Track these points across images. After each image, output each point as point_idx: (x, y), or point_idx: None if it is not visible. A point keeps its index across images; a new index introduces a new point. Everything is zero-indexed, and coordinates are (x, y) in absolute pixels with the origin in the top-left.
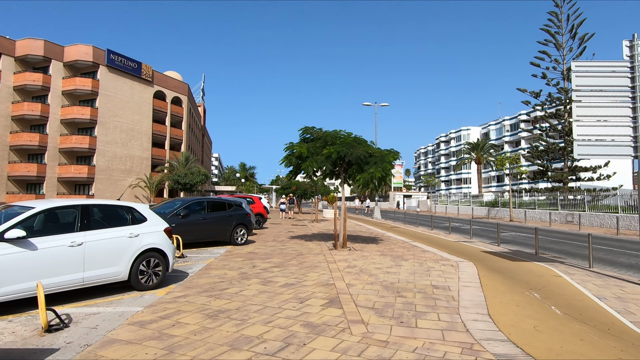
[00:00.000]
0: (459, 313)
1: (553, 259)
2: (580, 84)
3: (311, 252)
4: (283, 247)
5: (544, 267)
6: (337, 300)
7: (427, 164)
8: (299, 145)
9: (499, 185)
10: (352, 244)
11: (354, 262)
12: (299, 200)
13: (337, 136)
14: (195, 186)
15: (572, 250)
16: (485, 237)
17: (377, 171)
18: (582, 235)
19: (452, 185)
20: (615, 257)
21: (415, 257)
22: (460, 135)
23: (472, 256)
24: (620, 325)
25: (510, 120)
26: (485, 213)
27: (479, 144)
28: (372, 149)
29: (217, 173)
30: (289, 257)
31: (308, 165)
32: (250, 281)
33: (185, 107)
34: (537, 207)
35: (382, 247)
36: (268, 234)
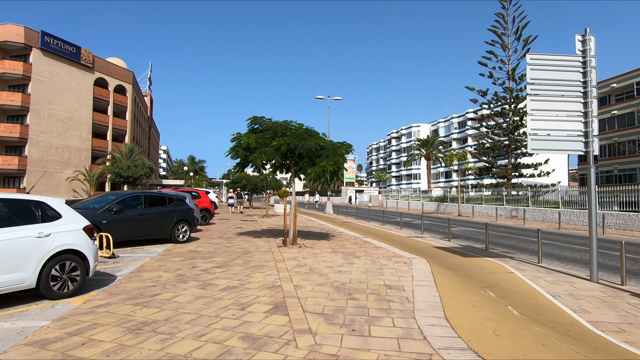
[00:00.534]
0: (414, 317)
1: (503, 254)
2: (535, 77)
3: (259, 249)
4: (229, 244)
5: (496, 263)
6: (283, 305)
7: (378, 160)
8: (247, 136)
9: (447, 180)
10: (302, 241)
11: (303, 260)
12: (249, 195)
13: (288, 127)
14: (139, 180)
15: (519, 245)
16: (436, 232)
17: (329, 165)
18: (527, 229)
19: (402, 181)
20: (560, 251)
21: (368, 254)
22: (410, 131)
23: (425, 252)
24: (579, 326)
25: (458, 118)
26: (435, 208)
27: (429, 141)
28: (324, 142)
29: (165, 166)
30: (234, 256)
31: (256, 157)
32: (187, 284)
33: (130, 96)
34: (483, 202)
35: (334, 244)
36: (214, 230)
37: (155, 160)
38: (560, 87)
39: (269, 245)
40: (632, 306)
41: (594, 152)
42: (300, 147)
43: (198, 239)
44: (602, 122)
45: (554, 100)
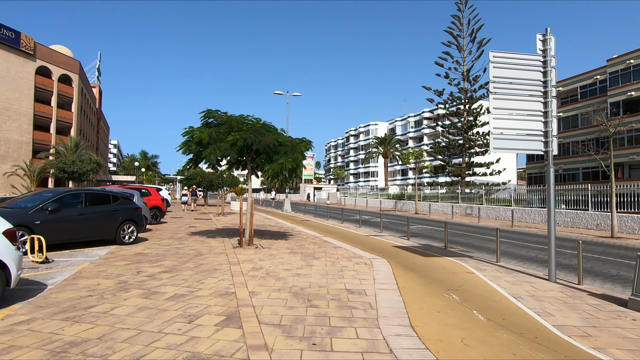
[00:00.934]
0: (379, 326)
1: (462, 253)
2: (497, 75)
3: (212, 251)
4: (180, 245)
5: (456, 262)
6: (236, 316)
7: (337, 157)
8: (200, 130)
9: (404, 178)
10: (259, 241)
11: (260, 262)
12: (205, 193)
13: (244, 122)
14: (85, 175)
15: (477, 244)
16: (395, 230)
17: (287, 162)
18: (482, 227)
19: (360, 178)
20: (516, 249)
21: (327, 255)
22: (368, 129)
23: (385, 252)
24: (545, 331)
25: (415, 117)
26: (392, 205)
27: (386, 139)
28: (283, 138)
29: (115, 162)
30: (185, 259)
31: (210, 153)
32: (129, 293)
33: (76, 86)
34: (439, 200)
35: (292, 244)
36: (166, 229)
37: (104, 155)
38: (521, 86)
39: (224, 246)
40: (592, 307)
41: (553, 151)
42: (258, 143)
43: (146, 239)
44: None
45: (516, 99)
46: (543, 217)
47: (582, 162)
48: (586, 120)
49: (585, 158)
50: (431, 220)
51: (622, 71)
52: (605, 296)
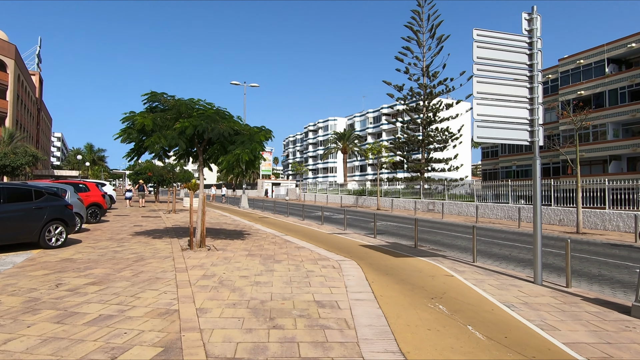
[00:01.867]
0: (362, 354)
1: (434, 253)
2: (481, 56)
3: (157, 255)
4: (119, 248)
5: (430, 263)
6: (177, 346)
7: (295, 153)
8: (143, 115)
9: (363, 174)
10: (213, 241)
11: (212, 268)
12: (155, 188)
13: (195, 107)
14: (20, 169)
15: (446, 241)
16: (359, 227)
17: (244, 153)
18: (447, 224)
19: (319, 174)
20: (487, 247)
21: (290, 257)
22: (327, 125)
23: (353, 252)
24: (561, 352)
25: (374, 113)
26: (353, 201)
27: (345, 134)
28: (239, 126)
29: (60, 156)
30: (122, 265)
31: (154, 142)
32: (36, 316)
33: (12, 72)
34: (401, 195)
35: (250, 244)
36: (106, 229)
37: (46, 149)
38: (506, 69)
39: (171, 248)
40: (594, 316)
41: (539, 142)
42: (210, 131)
43: (80, 242)
44: None
45: (500, 83)
46: (506, 212)
47: None
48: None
49: None
50: (394, 216)
51: (572, 71)
52: (601, 301)
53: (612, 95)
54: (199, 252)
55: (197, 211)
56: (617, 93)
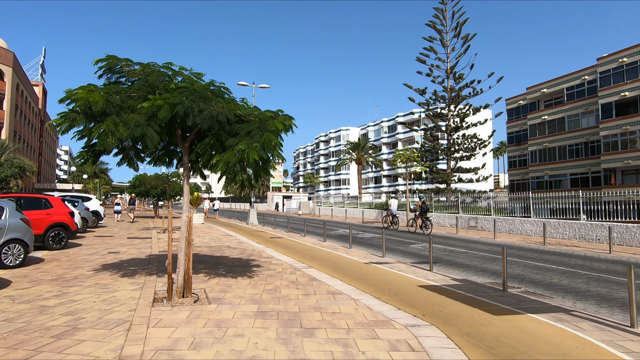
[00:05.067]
0: None
1: (542, 302)
2: None
3: (105, 316)
4: (54, 301)
5: (566, 332)
6: None
7: (306, 164)
8: (88, 89)
9: (377, 186)
10: (206, 281)
11: (192, 352)
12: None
13: (173, 77)
14: (6, 181)
15: (532, 276)
16: (397, 252)
17: (251, 149)
18: (505, 246)
19: (331, 186)
20: (606, 288)
21: (326, 319)
22: (340, 135)
23: (418, 303)
24: None
25: (388, 122)
26: (375, 216)
27: (360, 144)
28: (244, 110)
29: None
30: (32, 345)
31: (107, 133)
32: None
33: (10, 81)
34: (433, 209)
35: (260, 287)
36: (67, 260)
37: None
38: None
39: (138, 299)
40: None
41: None
42: (198, 115)
43: (9, 283)
44: (533, 127)
45: None
46: (577, 231)
47: (570, 168)
48: (573, 123)
49: (573, 163)
50: (433, 235)
51: (614, 70)
52: None
53: None
54: (178, 307)
55: (178, 239)
56: None
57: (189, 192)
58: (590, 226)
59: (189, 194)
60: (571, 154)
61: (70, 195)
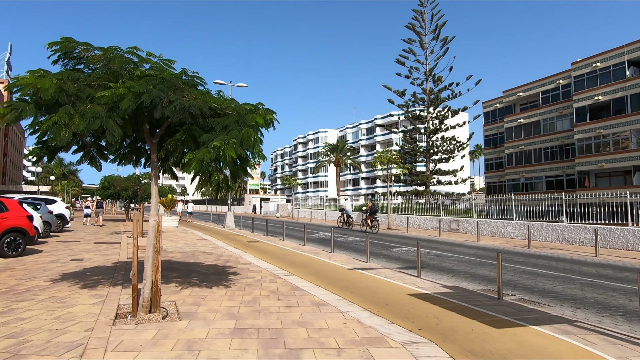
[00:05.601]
0: None
1: (539, 311)
2: None
3: (57, 337)
4: (4, 319)
5: (576, 347)
6: None
7: (283, 166)
8: (37, 75)
9: (355, 188)
10: (177, 292)
11: None
12: (127, 204)
13: (138, 64)
14: None
15: (524, 282)
16: (382, 256)
17: (228, 146)
18: (489, 249)
19: (309, 189)
20: (602, 294)
21: (313, 336)
22: (318, 137)
23: (411, 315)
24: None
25: (367, 124)
26: (355, 218)
27: (338, 146)
28: (220, 102)
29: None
30: None
31: (60, 125)
32: None
33: None
34: (414, 212)
35: (237, 298)
36: (23, 268)
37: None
38: None
39: (97, 315)
40: None
41: None
42: (167, 106)
43: None
44: (509, 130)
45: None
46: (560, 234)
47: (545, 171)
48: (549, 126)
49: (548, 166)
50: (414, 238)
51: (587, 75)
52: None
53: (635, 100)
54: (144, 324)
55: (144, 246)
56: None
57: (157, 193)
58: (574, 228)
59: (157, 196)
60: (546, 156)
61: (33, 198)
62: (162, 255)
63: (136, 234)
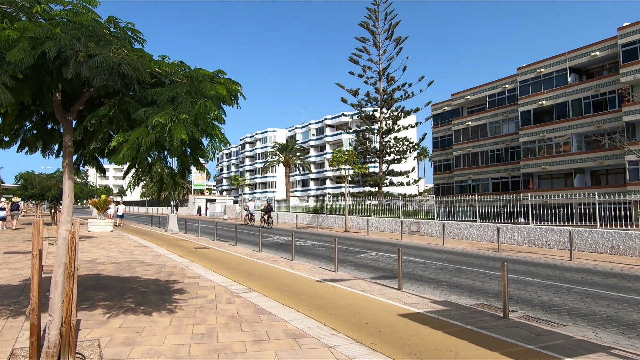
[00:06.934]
0: None
1: (556, 332)
2: None
3: None
4: None
5: None
6: None
7: (230, 166)
8: None
9: (305, 189)
10: (103, 324)
11: None
12: (54, 205)
13: (41, 1)
14: None
15: (515, 292)
16: (350, 264)
17: (177, 123)
18: (459, 253)
19: (257, 189)
20: (612, 308)
21: None
22: (266, 136)
23: (413, 344)
24: None
25: (317, 124)
26: (309, 221)
27: (288, 146)
28: (164, 65)
29: None
30: None
31: None
32: None
33: None
34: (372, 214)
35: (187, 330)
36: None
37: None
38: None
39: None
40: None
41: None
42: (85, 62)
43: None
44: (458, 132)
45: None
46: (525, 236)
47: (492, 172)
48: (495, 129)
49: (494, 168)
50: (377, 242)
51: (532, 80)
52: None
53: (576, 105)
54: None
55: (50, 268)
56: (581, 103)
57: (72, 191)
58: (540, 231)
59: (72, 195)
60: (492, 159)
61: None
62: (90, 268)
63: (37, 249)
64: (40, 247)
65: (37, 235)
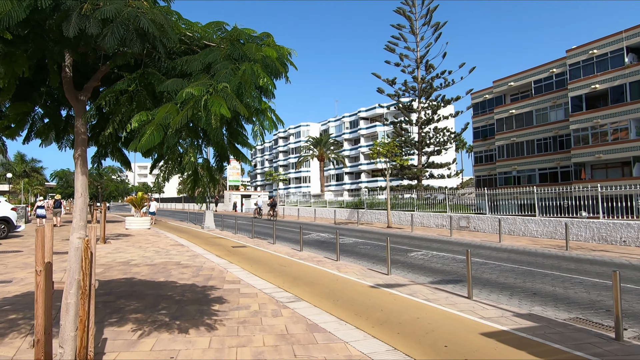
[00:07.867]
0: None
1: None
2: None
3: None
4: None
5: None
6: None
7: (263, 162)
8: None
9: (339, 183)
10: (132, 345)
11: None
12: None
13: None
14: None
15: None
16: (396, 263)
17: (214, 96)
18: (519, 251)
19: (291, 184)
20: None
21: None
22: (299, 131)
23: None
24: None
25: (350, 117)
26: (347, 216)
27: (322, 140)
28: (196, 29)
29: None
30: None
31: None
32: None
33: None
34: (415, 208)
35: (229, 354)
36: None
37: None
38: None
39: None
40: None
41: None
42: (90, 14)
43: None
44: (500, 121)
45: None
46: (595, 232)
47: (539, 163)
48: (541, 117)
49: (541, 158)
50: (425, 239)
51: (583, 62)
52: None
53: (635, 88)
54: None
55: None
56: None
57: (86, 189)
58: (614, 226)
59: (86, 194)
60: (539, 148)
61: None
62: (123, 271)
63: (42, 263)
64: (49, 259)
65: (41, 246)
